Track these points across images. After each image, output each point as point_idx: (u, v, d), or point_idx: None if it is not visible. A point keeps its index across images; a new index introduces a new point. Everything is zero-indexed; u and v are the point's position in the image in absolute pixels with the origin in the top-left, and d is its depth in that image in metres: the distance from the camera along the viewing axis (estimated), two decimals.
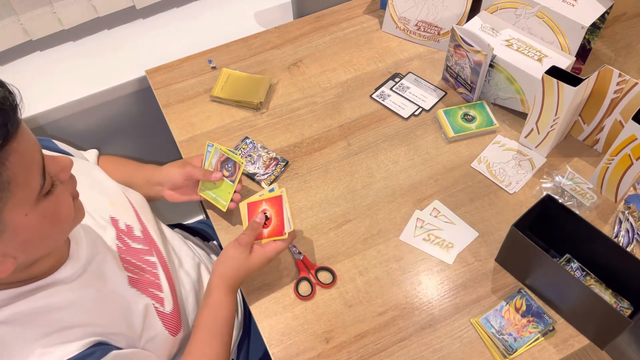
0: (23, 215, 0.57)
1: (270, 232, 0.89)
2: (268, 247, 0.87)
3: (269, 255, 0.86)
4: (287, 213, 0.88)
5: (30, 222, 0.58)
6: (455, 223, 0.99)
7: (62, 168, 0.63)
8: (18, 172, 0.55)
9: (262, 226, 0.89)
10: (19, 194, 0.56)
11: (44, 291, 0.66)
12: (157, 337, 0.79)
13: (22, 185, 0.56)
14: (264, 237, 0.89)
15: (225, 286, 0.84)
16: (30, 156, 0.57)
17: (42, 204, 0.59)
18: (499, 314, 0.88)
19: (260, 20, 1.36)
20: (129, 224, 0.86)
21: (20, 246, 0.59)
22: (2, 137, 0.53)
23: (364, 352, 0.85)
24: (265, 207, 0.91)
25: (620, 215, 0.98)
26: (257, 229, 0.88)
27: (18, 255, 0.60)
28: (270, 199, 0.91)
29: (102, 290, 0.73)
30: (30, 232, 0.59)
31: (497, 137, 1.10)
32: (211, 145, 0.95)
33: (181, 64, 1.25)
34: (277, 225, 0.89)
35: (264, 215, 0.90)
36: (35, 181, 0.58)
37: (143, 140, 1.42)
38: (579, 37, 1.06)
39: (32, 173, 0.57)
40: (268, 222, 0.90)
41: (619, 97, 0.96)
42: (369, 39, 1.29)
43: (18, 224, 0.57)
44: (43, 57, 1.28)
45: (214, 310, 0.83)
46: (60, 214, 0.63)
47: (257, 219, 0.89)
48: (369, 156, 1.08)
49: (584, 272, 0.88)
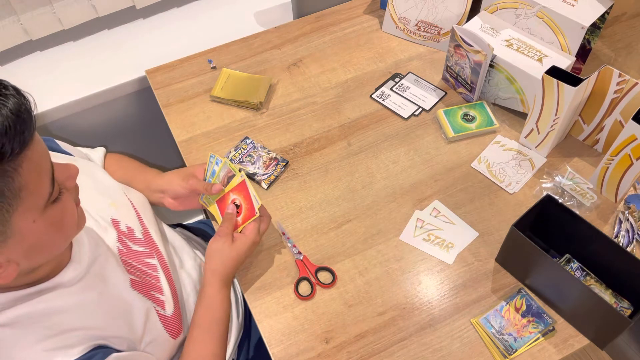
0: (31, 221, 0.57)
1: (244, 217, 0.90)
2: (247, 231, 0.88)
3: (251, 238, 0.87)
4: (252, 192, 0.89)
5: (37, 229, 0.59)
6: (455, 223, 0.99)
7: (69, 175, 0.63)
8: (30, 179, 0.55)
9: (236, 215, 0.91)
10: (29, 201, 0.56)
11: (45, 294, 0.66)
12: (158, 340, 0.79)
13: (32, 192, 0.56)
14: (239, 224, 0.91)
15: (216, 281, 0.85)
16: (41, 164, 0.57)
17: (50, 211, 0.60)
18: (499, 314, 0.88)
19: (260, 20, 1.36)
20: (130, 226, 0.86)
21: (25, 252, 0.59)
22: (20, 144, 0.53)
23: (364, 352, 0.85)
24: (233, 197, 0.92)
25: (620, 215, 0.98)
26: (231, 219, 0.90)
27: (21, 262, 0.60)
28: (235, 187, 0.92)
29: (104, 293, 0.73)
30: (35, 239, 0.59)
31: (497, 137, 1.10)
32: (214, 156, 0.94)
33: (181, 64, 1.25)
34: (247, 208, 0.90)
35: (234, 205, 0.91)
36: (45, 188, 0.58)
37: (143, 140, 1.42)
38: (579, 37, 1.06)
39: (43, 180, 0.57)
40: (240, 210, 0.91)
41: (619, 97, 0.96)
42: (369, 39, 1.29)
43: (25, 230, 0.57)
44: (43, 57, 1.28)
45: (208, 308, 0.84)
46: (65, 221, 0.63)
47: (229, 210, 0.91)
48: (369, 156, 1.08)
49: (584, 272, 0.88)
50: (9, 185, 0.53)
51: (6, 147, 0.51)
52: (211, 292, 0.85)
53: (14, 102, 0.53)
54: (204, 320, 0.84)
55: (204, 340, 0.82)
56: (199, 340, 0.82)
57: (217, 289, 0.85)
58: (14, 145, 0.52)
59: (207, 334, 0.83)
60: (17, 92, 0.54)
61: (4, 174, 0.52)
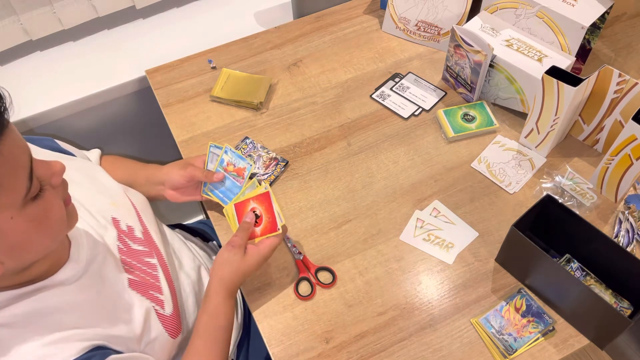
0: (8, 218, 0.57)
1: (263, 229, 0.88)
2: (262, 246, 0.85)
3: (263, 254, 0.85)
4: (276, 208, 0.87)
5: (17, 226, 0.58)
6: (455, 223, 0.99)
7: (54, 173, 0.62)
8: (2, 175, 0.54)
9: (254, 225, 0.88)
10: (3, 197, 0.55)
11: (43, 293, 0.66)
12: (157, 339, 0.78)
13: (6, 188, 0.55)
14: (257, 235, 0.88)
15: (223, 290, 0.83)
16: (16, 159, 0.56)
17: (29, 208, 0.58)
18: (499, 314, 0.88)
19: (260, 20, 1.36)
20: (130, 225, 0.86)
21: (7, 250, 0.58)
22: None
23: (364, 352, 0.85)
24: (253, 205, 0.90)
25: (620, 215, 0.98)
26: (248, 229, 0.87)
27: (5, 261, 0.59)
28: (258, 196, 0.89)
29: (102, 292, 0.73)
30: (16, 236, 0.58)
31: (497, 137, 1.10)
32: (217, 147, 0.94)
33: (181, 64, 1.25)
34: (268, 222, 0.87)
35: (254, 214, 0.89)
36: (21, 184, 0.57)
37: (143, 140, 1.42)
38: (579, 37, 1.06)
39: (18, 176, 0.56)
40: (259, 221, 0.88)
41: (619, 97, 0.96)
42: (369, 39, 1.29)
43: (3, 227, 0.56)
44: (43, 57, 1.28)
45: (213, 317, 0.82)
46: (50, 219, 0.62)
47: (248, 219, 0.88)
48: (369, 156, 1.08)
49: (584, 272, 0.88)
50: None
51: None
52: (216, 301, 0.83)
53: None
54: (206, 329, 0.82)
55: (206, 350, 0.81)
56: (201, 351, 0.80)
57: (222, 298, 0.83)
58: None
59: (210, 343, 0.81)
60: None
61: None
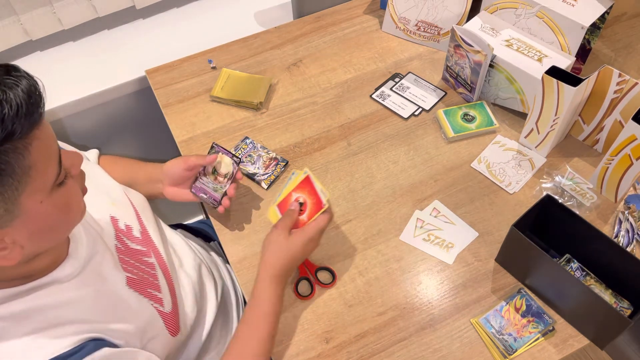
0: (38, 202, 0.59)
1: (310, 213, 0.87)
2: (307, 227, 0.85)
3: (308, 234, 0.85)
4: (318, 186, 0.86)
5: (44, 210, 0.60)
6: (455, 223, 0.99)
7: (73, 163, 0.65)
8: (39, 159, 0.57)
9: (299, 213, 0.88)
10: (37, 181, 0.58)
11: (41, 290, 0.66)
12: (158, 337, 0.79)
13: (41, 172, 0.58)
14: (305, 222, 0.87)
15: (267, 276, 0.84)
16: (50, 145, 0.59)
17: (56, 194, 0.61)
18: (499, 314, 0.88)
19: (260, 20, 1.36)
20: (129, 224, 0.86)
21: (30, 234, 0.60)
22: (31, 123, 0.55)
23: (364, 352, 0.85)
24: (296, 196, 0.89)
25: (620, 215, 0.98)
26: (292, 215, 0.87)
27: (26, 245, 0.60)
28: (298, 185, 0.89)
29: (101, 289, 0.73)
30: (42, 221, 0.61)
31: (497, 137, 1.10)
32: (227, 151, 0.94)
33: (181, 64, 1.25)
34: (313, 204, 0.86)
35: (298, 203, 0.89)
36: (53, 170, 0.60)
37: (143, 140, 1.42)
38: (579, 37, 1.06)
39: (51, 161, 0.60)
40: (304, 207, 0.88)
41: (619, 97, 0.96)
42: (369, 39, 1.29)
43: (32, 210, 0.59)
44: (43, 57, 1.28)
45: (256, 303, 0.83)
46: (71, 206, 0.65)
47: (292, 207, 0.89)
48: (369, 156, 1.08)
49: (584, 272, 0.88)
50: (20, 162, 0.55)
51: (17, 125, 0.54)
52: (260, 287, 0.83)
53: (26, 83, 0.56)
54: (250, 315, 0.83)
55: (246, 336, 0.81)
56: (242, 338, 0.81)
57: (266, 284, 0.83)
58: (25, 124, 0.54)
59: (251, 330, 0.81)
60: (28, 75, 0.58)
61: (15, 151, 0.54)
